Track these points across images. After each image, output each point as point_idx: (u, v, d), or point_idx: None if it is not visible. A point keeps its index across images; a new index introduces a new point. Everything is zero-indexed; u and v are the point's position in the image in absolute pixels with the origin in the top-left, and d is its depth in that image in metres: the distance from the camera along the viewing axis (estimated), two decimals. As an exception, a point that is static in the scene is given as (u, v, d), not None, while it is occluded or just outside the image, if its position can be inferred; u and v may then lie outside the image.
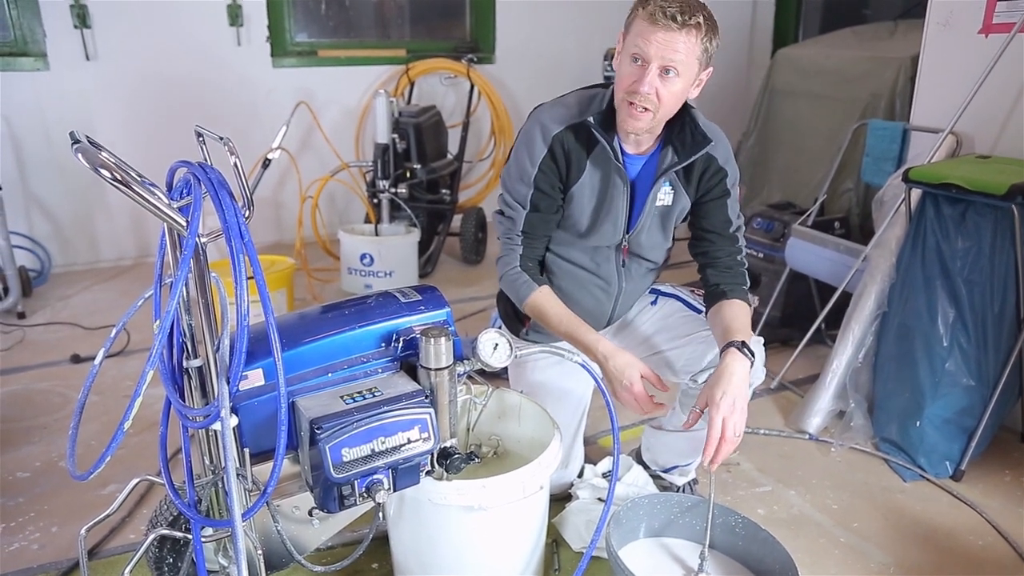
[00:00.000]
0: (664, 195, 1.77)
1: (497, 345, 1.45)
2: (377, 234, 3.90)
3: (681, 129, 1.70)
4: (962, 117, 2.50)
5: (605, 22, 4.85)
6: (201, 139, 1.29)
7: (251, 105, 4.41)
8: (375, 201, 3.93)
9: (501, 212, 1.81)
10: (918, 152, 2.78)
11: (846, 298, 2.67)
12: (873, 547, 2.01)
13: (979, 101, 2.46)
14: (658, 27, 1.49)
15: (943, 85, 2.67)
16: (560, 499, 2.08)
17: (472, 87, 4.75)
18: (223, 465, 1.15)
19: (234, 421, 1.20)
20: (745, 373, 1.57)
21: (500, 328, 2.05)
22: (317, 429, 1.23)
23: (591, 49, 4.74)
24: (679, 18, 1.47)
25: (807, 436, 2.52)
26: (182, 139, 2.40)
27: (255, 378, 1.29)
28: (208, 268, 1.16)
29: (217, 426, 1.16)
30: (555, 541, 1.95)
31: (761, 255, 3.26)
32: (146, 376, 1.02)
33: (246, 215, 1.13)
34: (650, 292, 2.00)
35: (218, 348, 1.18)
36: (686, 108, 1.70)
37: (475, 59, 4.81)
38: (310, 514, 1.41)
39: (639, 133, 1.65)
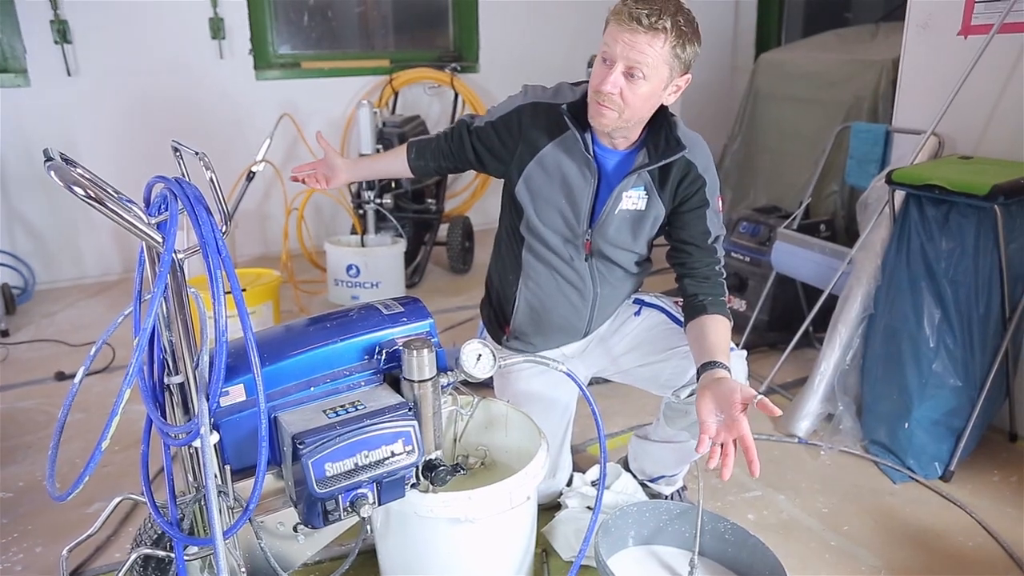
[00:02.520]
0: (638, 199, 1.75)
1: (480, 356, 1.44)
2: (363, 245, 3.89)
3: (657, 132, 1.70)
4: (944, 118, 2.51)
5: (589, 30, 4.86)
6: (178, 154, 1.28)
7: (234, 118, 4.40)
8: (361, 212, 3.92)
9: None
10: (901, 154, 2.79)
11: (833, 301, 2.67)
12: (863, 550, 2.00)
13: (960, 102, 2.47)
14: (624, 28, 1.51)
15: (924, 87, 2.68)
16: (549, 508, 2.07)
17: (456, 96, 4.75)
18: (204, 483, 1.13)
19: (215, 438, 1.19)
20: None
21: (485, 338, 2.04)
22: (299, 444, 1.21)
23: (575, 57, 4.75)
24: (644, 20, 1.49)
25: (796, 440, 2.52)
26: (165, 154, 2.38)
27: (236, 393, 1.27)
28: (186, 284, 1.15)
29: (198, 443, 1.15)
30: (544, 551, 1.94)
31: (747, 259, 3.26)
32: (123, 395, 1.01)
33: (223, 230, 1.12)
34: (633, 303, 1.98)
35: (198, 364, 1.17)
36: (665, 113, 1.70)
37: (459, 68, 4.81)
38: (295, 530, 1.40)
39: (605, 130, 1.66)
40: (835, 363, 2.56)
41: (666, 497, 2.13)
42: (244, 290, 3.12)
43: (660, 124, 1.70)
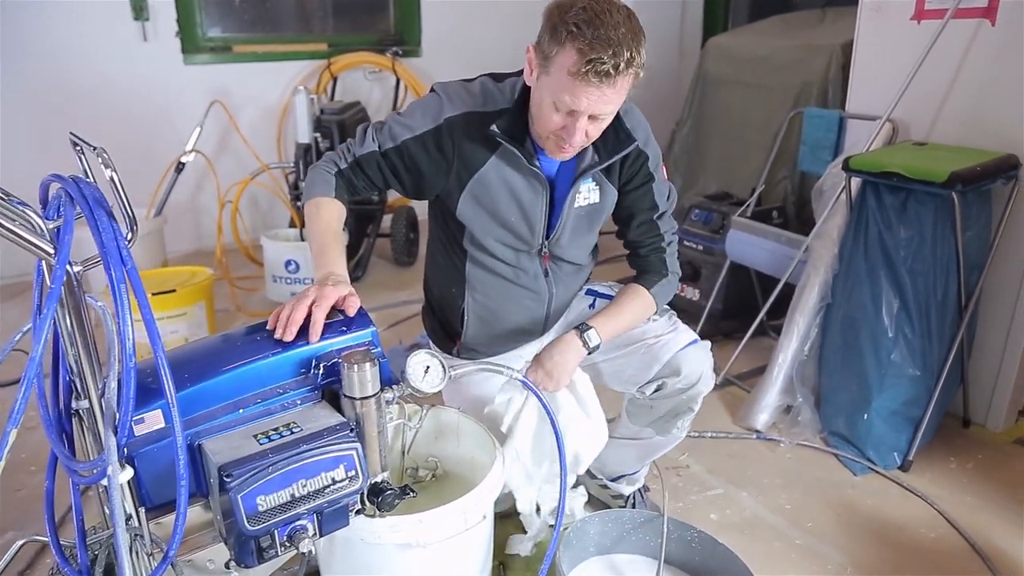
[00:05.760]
0: (589, 192, 1.65)
1: (428, 368, 1.31)
2: (302, 239, 3.70)
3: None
4: (897, 104, 2.47)
5: (533, 13, 4.72)
6: (78, 148, 1.12)
7: (162, 105, 4.14)
8: (299, 204, 3.74)
9: (353, 136, 1.63)
10: (855, 140, 2.75)
11: (789, 289, 2.62)
12: (829, 547, 1.96)
13: (914, 88, 2.43)
14: (590, 85, 1.33)
15: (877, 72, 2.64)
16: (506, 516, 1.95)
17: (398, 81, 4.59)
18: (112, 529, 0.98)
19: (128, 474, 1.04)
20: (571, 355, 1.63)
21: (431, 345, 1.92)
22: (226, 477, 1.07)
23: (519, 40, 4.58)
24: (612, 72, 1.31)
25: (755, 435, 2.46)
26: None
27: (153, 420, 1.12)
28: (84, 299, 0.99)
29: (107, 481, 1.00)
30: (502, 564, 1.84)
31: (700, 247, 3.20)
32: (8, 437, 0.86)
33: (128, 237, 0.97)
34: (587, 294, 1.88)
35: (103, 392, 1.02)
36: None
37: (400, 52, 4.65)
38: (227, 567, 1.26)
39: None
40: (793, 354, 2.51)
41: (626, 498, 2.04)
42: (173, 291, 2.93)
43: None
